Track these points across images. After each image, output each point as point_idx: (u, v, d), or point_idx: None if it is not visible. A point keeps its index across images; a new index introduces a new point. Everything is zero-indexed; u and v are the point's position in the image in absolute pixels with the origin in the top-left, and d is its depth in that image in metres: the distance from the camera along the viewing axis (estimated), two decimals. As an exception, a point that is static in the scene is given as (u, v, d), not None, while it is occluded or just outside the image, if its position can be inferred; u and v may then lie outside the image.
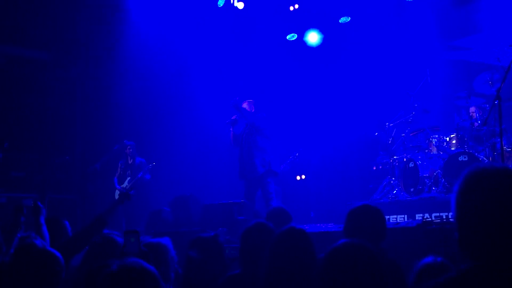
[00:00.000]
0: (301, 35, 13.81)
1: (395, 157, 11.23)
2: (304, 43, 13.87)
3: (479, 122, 10.03)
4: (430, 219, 8.74)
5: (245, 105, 10.26)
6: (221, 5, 13.18)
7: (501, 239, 2.01)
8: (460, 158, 9.63)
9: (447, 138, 10.38)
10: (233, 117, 10.09)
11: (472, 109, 10.24)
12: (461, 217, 2.11)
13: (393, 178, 11.09)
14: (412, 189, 10.31)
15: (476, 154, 9.63)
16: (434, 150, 10.50)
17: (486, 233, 2.03)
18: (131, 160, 12.37)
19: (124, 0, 13.26)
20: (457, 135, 10.23)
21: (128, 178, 12.32)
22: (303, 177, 13.96)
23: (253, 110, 10.19)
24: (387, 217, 9.52)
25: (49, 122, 13.08)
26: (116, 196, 12.29)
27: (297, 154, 12.79)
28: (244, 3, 13.17)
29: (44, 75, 13.12)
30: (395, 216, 9.89)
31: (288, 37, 13.98)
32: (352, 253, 2.71)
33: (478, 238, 2.05)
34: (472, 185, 2.10)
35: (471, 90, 10.64)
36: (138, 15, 13.38)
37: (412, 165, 10.38)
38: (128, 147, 12.35)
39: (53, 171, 12.59)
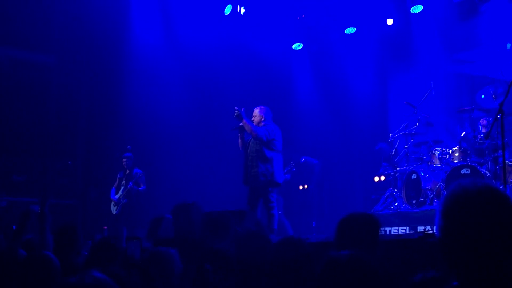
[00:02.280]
0: (307, 44, 13.86)
1: (398, 168, 11.23)
2: (309, 52, 13.92)
3: (481, 135, 10.03)
4: (431, 231, 8.72)
5: (256, 112, 10.20)
6: (228, 13, 13.23)
7: (483, 260, 2.03)
8: (463, 171, 9.62)
9: (450, 151, 10.37)
10: (241, 124, 10.05)
11: (483, 121, 10.24)
12: (443, 237, 2.13)
13: (396, 190, 11.09)
14: (414, 201, 10.30)
15: (478, 167, 9.63)
16: (437, 163, 10.50)
17: (467, 253, 2.05)
18: (128, 171, 12.42)
19: (129, 6, 13.30)
20: (460, 148, 10.23)
21: (122, 188, 12.37)
22: (306, 186, 13.96)
23: (263, 119, 10.11)
24: (388, 228, 9.57)
25: (51, 126, 13.10)
26: (112, 207, 12.38)
27: (293, 164, 12.76)
28: (249, 10, 13.20)
29: (47, 79, 13.15)
30: (396, 228, 9.88)
31: (294, 46, 14.02)
32: (346, 264, 2.71)
33: (461, 258, 2.07)
34: (454, 206, 2.11)
35: (475, 104, 10.65)
36: (143, 21, 13.42)
37: (415, 177, 10.38)
38: (124, 159, 12.39)
39: (55, 176, 12.61)
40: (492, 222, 2.04)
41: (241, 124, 9.96)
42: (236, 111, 9.86)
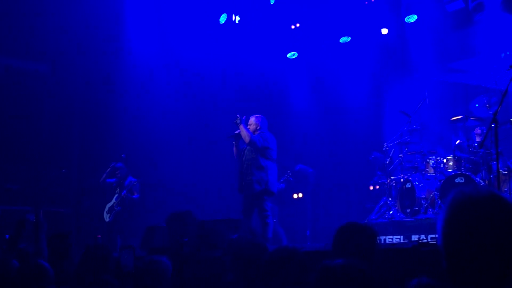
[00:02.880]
0: (302, 53, 13.89)
1: (392, 177, 11.24)
2: (303, 61, 13.95)
3: (476, 144, 10.06)
4: (426, 240, 8.72)
5: (252, 120, 10.22)
6: (223, 22, 13.25)
7: (487, 268, 2.01)
8: (457, 180, 9.64)
9: (444, 160, 10.39)
10: (237, 132, 10.06)
11: (478, 131, 10.27)
12: (447, 245, 2.11)
13: (390, 199, 11.09)
14: (408, 210, 10.30)
15: (472, 176, 9.65)
16: (431, 172, 10.51)
17: (471, 262, 2.03)
18: (122, 180, 12.40)
19: (123, 15, 13.32)
20: (454, 157, 10.25)
21: (116, 195, 12.35)
22: (300, 195, 13.95)
23: (258, 127, 10.13)
24: (383, 237, 9.57)
25: (45, 135, 13.09)
26: (105, 214, 12.35)
27: (289, 173, 12.76)
28: (243, 19, 13.25)
29: (41, 87, 13.14)
30: (391, 237, 9.88)
31: (288, 55, 14.04)
32: (341, 273, 2.70)
33: (464, 267, 2.05)
34: (459, 213, 2.09)
35: (469, 113, 10.68)
36: (138, 30, 13.43)
37: (409, 186, 10.38)
38: (117, 171, 12.37)
39: (48, 184, 12.57)
40: (498, 229, 2.02)
41: (236, 132, 9.98)
42: (238, 119, 9.88)
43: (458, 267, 2.07)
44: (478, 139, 10.27)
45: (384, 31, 12.83)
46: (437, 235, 2.17)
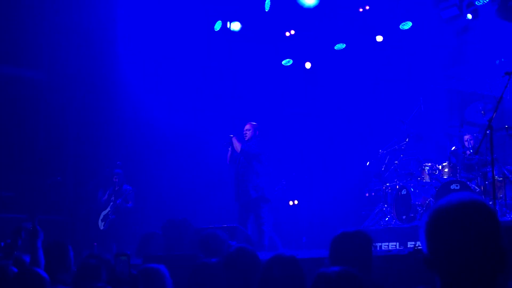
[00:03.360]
0: (297, 60, 13.91)
1: (387, 184, 11.24)
2: (298, 68, 13.97)
3: (471, 151, 10.07)
4: (421, 247, 8.72)
5: (248, 127, 10.24)
6: (218, 29, 13.27)
7: (469, 275, 2.03)
8: (452, 187, 9.65)
9: (440, 166, 10.40)
10: (231, 136, 10.09)
11: (467, 136, 10.29)
12: (429, 253, 2.12)
13: (386, 205, 11.09)
14: (404, 217, 10.30)
15: (468, 182, 9.66)
16: (427, 178, 10.52)
17: (453, 268, 2.05)
18: (118, 187, 12.40)
19: (118, 22, 13.32)
20: (449, 164, 10.27)
21: (111, 203, 12.34)
22: (296, 202, 13.94)
23: (256, 133, 10.15)
24: (378, 244, 9.55)
25: (41, 142, 13.07)
26: (99, 222, 12.34)
27: (284, 183, 12.76)
28: (240, 26, 13.28)
29: (37, 95, 13.13)
30: (386, 244, 9.86)
31: (283, 62, 14.06)
32: (337, 280, 2.70)
33: (447, 273, 2.07)
34: (437, 220, 2.11)
35: (464, 119, 10.70)
36: (133, 37, 13.44)
37: (405, 193, 10.39)
38: (115, 176, 12.37)
39: (44, 192, 12.54)
40: (476, 236, 2.03)
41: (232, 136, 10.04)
42: (224, 139, 9.97)
43: (441, 274, 2.08)
44: (466, 144, 10.29)
45: (379, 38, 12.86)
46: (420, 242, 2.20)
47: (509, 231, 2.23)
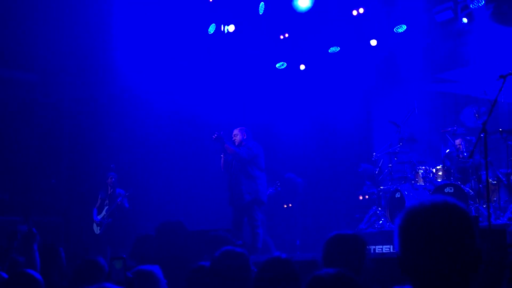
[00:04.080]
0: (291, 63, 13.93)
1: (381, 187, 11.25)
2: (293, 71, 13.98)
3: (465, 154, 10.08)
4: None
5: (236, 131, 10.25)
6: (212, 32, 13.27)
7: (439, 276, 2.04)
8: (446, 190, 9.66)
9: (434, 170, 10.42)
10: (216, 135, 10.10)
11: (458, 141, 10.30)
12: (401, 254, 2.14)
13: (379, 208, 11.09)
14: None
15: (462, 186, 9.67)
16: (421, 181, 10.53)
17: (424, 269, 2.06)
18: (111, 190, 12.37)
19: (113, 25, 13.31)
20: (443, 167, 10.28)
21: (106, 208, 12.31)
22: (290, 205, 13.94)
23: (245, 137, 10.17)
24: (372, 247, 9.55)
25: (35, 144, 13.04)
26: (95, 227, 12.31)
27: (278, 184, 12.75)
28: (235, 28, 13.29)
29: (31, 97, 13.10)
30: (380, 246, 9.86)
31: (277, 65, 14.08)
32: (332, 282, 2.69)
33: (419, 274, 2.08)
34: (409, 221, 2.13)
35: (458, 122, 10.71)
36: (127, 40, 13.42)
37: (399, 196, 10.39)
38: (110, 177, 12.35)
39: (38, 194, 12.51)
40: (448, 236, 2.05)
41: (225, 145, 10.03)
42: (215, 134, 9.91)
43: (413, 275, 2.10)
44: (458, 147, 10.29)
45: (373, 42, 12.89)
46: (393, 245, 2.22)
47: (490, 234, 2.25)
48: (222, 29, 13.32)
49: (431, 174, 10.43)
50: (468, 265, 2.04)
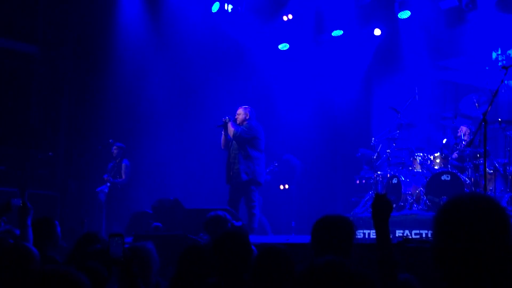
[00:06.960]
0: (293, 45, 13.89)
1: (379, 172, 11.27)
2: (295, 53, 13.95)
3: (464, 142, 10.09)
4: (410, 236, 8.77)
5: (240, 111, 10.24)
6: (215, 10, 13.21)
7: (476, 268, 2.06)
8: (443, 177, 9.70)
9: (431, 157, 10.44)
10: (225, 119, 10.10)
11: (464, 129, 10.28)
12: (437, 246, 2.16)
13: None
14: (394, 205, 10.29)
15: (459, 174, 9.70)
16: (418, 168, 10.56)
17: (461, 262, 2.08)
18: (118, 160, 12.36)
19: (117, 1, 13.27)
20: (441, 155, 10.30)
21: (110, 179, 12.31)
22: (287, 186, 13.97)
23: (247, 117, 10.16)
24: (367, 231, 9.60)
25: (33, 117, 13.02)
26: (101, 194, 12.28)
27: (276, 164, 12.77)
28: (236, 9, 13.23)
29: (30, 69, 13.06)
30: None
31: (280, 46, 14.04)
32: (329, 271, 2.69)
33: (455, 267, 2.10)
34: (448, 214, 2.16)
35: (458, 111, 10.72)
36: (130, 15, 13.37)
37: (396, 181, 10.42)
38: (115, 147, 12.33)
39: (35, 167, 12.50)
40: (485, 231, 2.08)
41: (224, 119, 10.04)
42: (227, 119, 9.96)
43: (449, 268, 2.11)
44: (465, 137, 10.29)
45: (377, 31, 12.86)
46: (431, 234, 2.23)
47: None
48: (225, 8, 13.24)
49: (429, 161, 10.45)
50: (501, 259, 2.07)
